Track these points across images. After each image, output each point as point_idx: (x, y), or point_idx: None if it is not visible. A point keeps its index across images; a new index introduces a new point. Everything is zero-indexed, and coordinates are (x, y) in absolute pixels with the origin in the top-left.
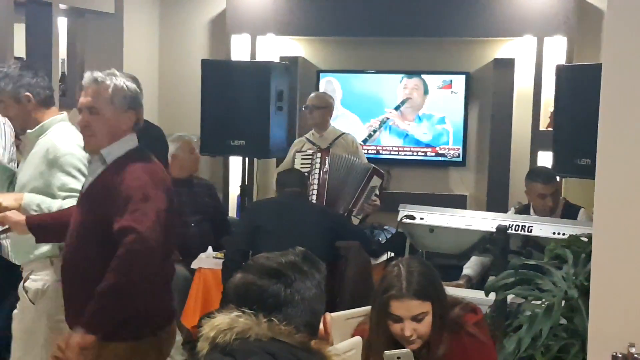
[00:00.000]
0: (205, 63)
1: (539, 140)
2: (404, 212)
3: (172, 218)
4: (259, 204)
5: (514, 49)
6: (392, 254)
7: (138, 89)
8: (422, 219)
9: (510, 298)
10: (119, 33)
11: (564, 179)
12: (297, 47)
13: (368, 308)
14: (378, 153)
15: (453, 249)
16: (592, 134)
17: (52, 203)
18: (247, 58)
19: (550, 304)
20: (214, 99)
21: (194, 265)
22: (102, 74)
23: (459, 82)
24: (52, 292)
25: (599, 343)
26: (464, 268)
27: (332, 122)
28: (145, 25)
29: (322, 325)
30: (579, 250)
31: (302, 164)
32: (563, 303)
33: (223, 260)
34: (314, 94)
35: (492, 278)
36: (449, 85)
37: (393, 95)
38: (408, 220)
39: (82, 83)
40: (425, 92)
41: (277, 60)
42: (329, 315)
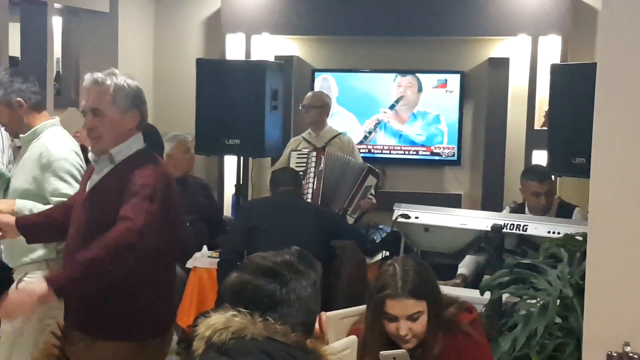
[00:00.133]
0: (200, 62)
1: (534, 139)
2: (399, 211)
3: (175, 221)
4: (254, 204)
5: (509, 48)
6: (387, 253)
7: (139, 87)
8: (417, 218)
9: (505, 297)
10: (114, 32)
11: (559, 178)
12: (292, 46)
13: (363, 307)
14: (373, 152)
15: (448, 248)
16: (586, 133)
17: (43, 208)
18: (242, 57)
19: (545, 303)
20: (209, 98)
21: (189, 265)
22: (102, 75)
23: (454, 81)
24: None
25: (594, 342)
26: (459, 267)
27: (328, 120)
28: (140, 25)
29: (317, 325)
30: (574, 249)
31: (297, 163)
32: (558, 302)
33: (218, 260)
34: (311, 93)
35: (487, 277)
36: (444, 85)
37: (387, 94)
38: (403, 220)
39: (83, 85)
40: (420, 89)
41: (272, 60)
42: (325, 315)
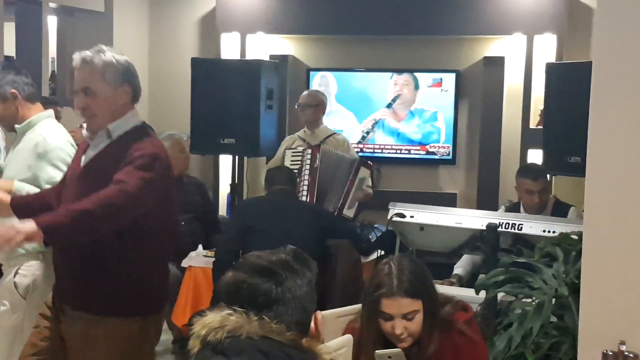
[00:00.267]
0: (195, 61)
1: (529, 138)
2: (394, 210)
3: (172, 197)
4: (249, 203)
5: (504, 47)
6: (382, 252)
7: (129, 61)
8: (412, 217)
9: (501, 296)
10: (109, 31)
11: (554, 177)
12: (287, 45)
13: (359, 306)
14: (368, 151)
15: (443, 247)
16: (582, 132)
17: None
18: (237, 56)
19: (541, 302)
20: (204, 98)
21: (185, 264)
22: (89, 53)
23: (449, 80)
24: (43, 287)
25: (590, 341)
26: (455, 268)
27: (325, 117)
28: (135, 24)
29: (313, 324)
30: (569, 248)
31: (292, 162)
32: (553, 301)
33: (214, 259)
34: (307, 92)
35: (482, 276)
36: (439, 84)
37: (384, 93)
38: (398, 219)
39: (72, 65)
40: (416, 87)
41: (267, 59)
42: (320, 314)
